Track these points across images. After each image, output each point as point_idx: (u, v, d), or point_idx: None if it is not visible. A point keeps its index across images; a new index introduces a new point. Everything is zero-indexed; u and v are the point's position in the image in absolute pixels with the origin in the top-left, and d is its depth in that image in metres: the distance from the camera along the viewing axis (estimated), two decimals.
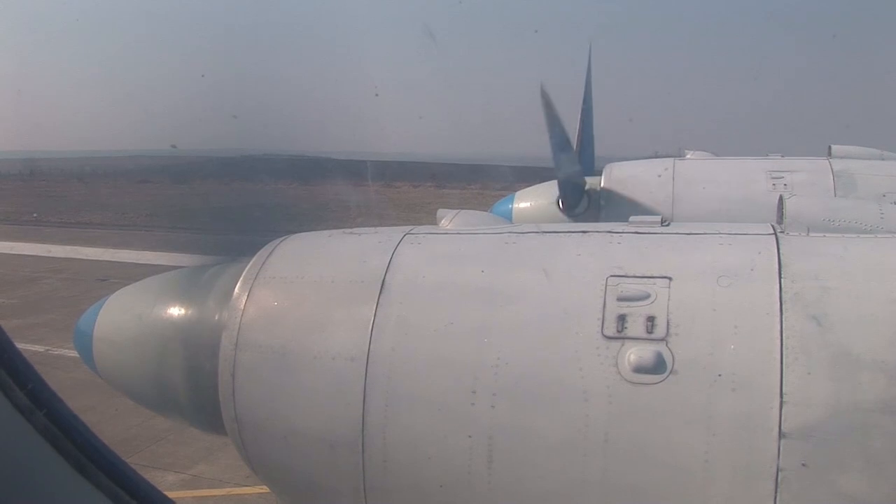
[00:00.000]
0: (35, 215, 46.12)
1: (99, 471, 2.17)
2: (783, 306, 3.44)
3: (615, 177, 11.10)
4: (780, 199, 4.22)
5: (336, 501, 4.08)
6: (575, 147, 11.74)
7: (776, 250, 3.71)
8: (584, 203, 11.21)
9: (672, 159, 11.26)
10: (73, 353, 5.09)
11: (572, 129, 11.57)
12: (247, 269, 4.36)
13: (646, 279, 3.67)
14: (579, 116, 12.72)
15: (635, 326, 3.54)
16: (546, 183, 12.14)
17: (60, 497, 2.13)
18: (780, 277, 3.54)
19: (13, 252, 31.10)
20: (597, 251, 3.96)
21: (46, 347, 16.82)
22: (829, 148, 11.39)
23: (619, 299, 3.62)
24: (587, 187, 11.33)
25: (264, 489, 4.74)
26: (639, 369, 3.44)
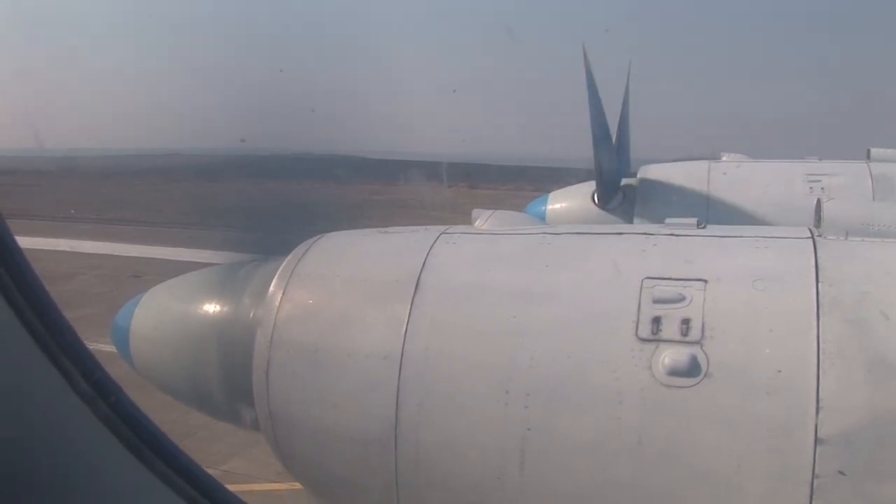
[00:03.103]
0: (73, 212, 46.50)
1: (156, 457, 2.23)
2: (820, 310, 3.40)
3: (650, 178, 11.04)
4: (818, 202, 4.18)
5: (368, 499, 4.10)
6: (613, 142, 11.71)
7: (813, 254, 3.66)
8: (619, 197, 11.17)
9: (707, 161, 11.17)
10: (109, 348, 5.14)
11: (611, 129, 11.53)
12: (282, 266, 4.38)
13: (681, 281, 3.65)
14: (619, 117, 12.64)
15: (670, 329, 3.52)
16: (580, 184, 12.10)
17: (120, 482, 2.19)
18: (817, 282, 3.50)
19: (51, 248, 31.44)
20: (632, 253, 3.94)
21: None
22: (868, 151, 11.23)
23: (655, 301, 3.60)
24: (623, 183, 11.31)
25: (297, 486, 4.75)
26: (673, 372, 3.42)
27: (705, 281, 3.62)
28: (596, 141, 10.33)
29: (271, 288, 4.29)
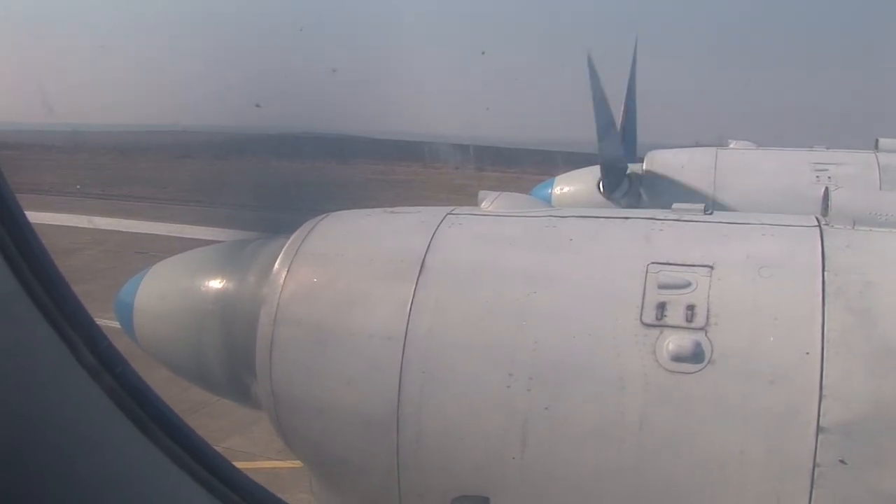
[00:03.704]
0: (78, 187, 46.49)
1: (161, 431, 2.24)
2: (825, 299, 3.40)
3: (657, 164, 11.00)
4: (826, 190, 4.16)
5: (369, 479, 4.10)
6: (619, 131, 11.69)
7: (820, 243, 3.65)
8: (624, 186, 11.16)
9: (714, 148, 11.14)
10: (112, 323, 5.13)
11: (616, 115, 11.51)
12: (287, 245, 4.37)
13: (687, 267, 3.64)
14: (623, 102, 12.61)
15: (675, 314, 3.51)
16: (587, 168, 12.08)
17: (123, 455, 2.20)
18: (823, 270, 3.49)
19: (55, 223, 31.41)
20: (638, 237, 3.93)
21: None
22: (876, 141, 11.18)
23: (660, 287, 3.59)
24: (629, 172, 11.29)
25: (297, 464, 4.76)
26: (677, 358, 3.42)
27: (711, 267, 3.61)
28: (600, 131, 10.31)
29: (276, 266, 4.28)
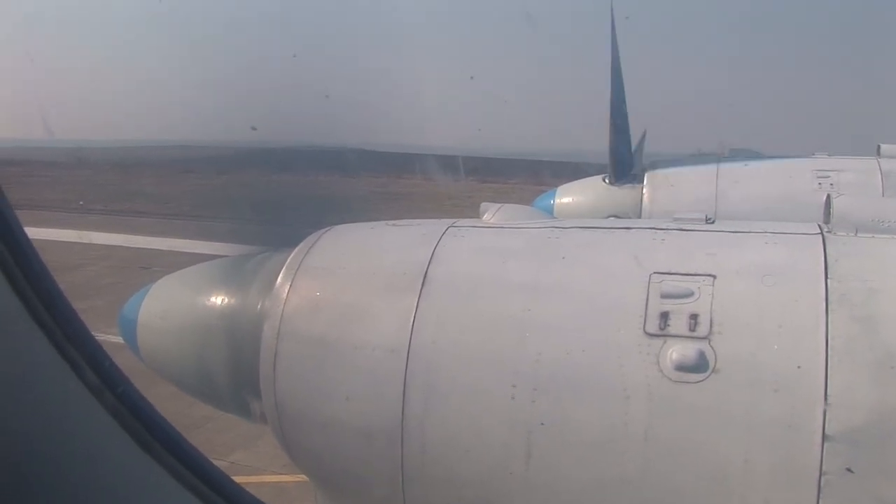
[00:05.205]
0: (81, 203, 46.56)
1: (164, 449, 2.24)
2: (829, 307, 3.38)
3: (658, 174, 11.02)
4: (828, 198, 4.15)
5: (373, 492, 4.09)
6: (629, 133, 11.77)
7: (822, 250, 3.64)
8: (630, 177, 11.23)
9: (717, 156, 11.16)
10: (116, 339, 5.14)
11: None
12: (290, 258, 4.37)
13: (689, 276, 3.63)
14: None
15: (678, 324, 3.50)
16: (589, 178, 12.10)
17: (126, 473, 2.20)
18: (826, 278, 3.48)
19: (59, 239, 31.43)
20: (640, 247, 3.92)
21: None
22: (878, 147, 11.18)
23: (663, 296, 3.58)
24: (633, 170, 11.36)
25: (302, 478, 4.75)
26: (680, 367, 3.41)
27: (714, 276, 3.60)
28: (614, 112, 10.35)
29: (279, 280, 4.28)
